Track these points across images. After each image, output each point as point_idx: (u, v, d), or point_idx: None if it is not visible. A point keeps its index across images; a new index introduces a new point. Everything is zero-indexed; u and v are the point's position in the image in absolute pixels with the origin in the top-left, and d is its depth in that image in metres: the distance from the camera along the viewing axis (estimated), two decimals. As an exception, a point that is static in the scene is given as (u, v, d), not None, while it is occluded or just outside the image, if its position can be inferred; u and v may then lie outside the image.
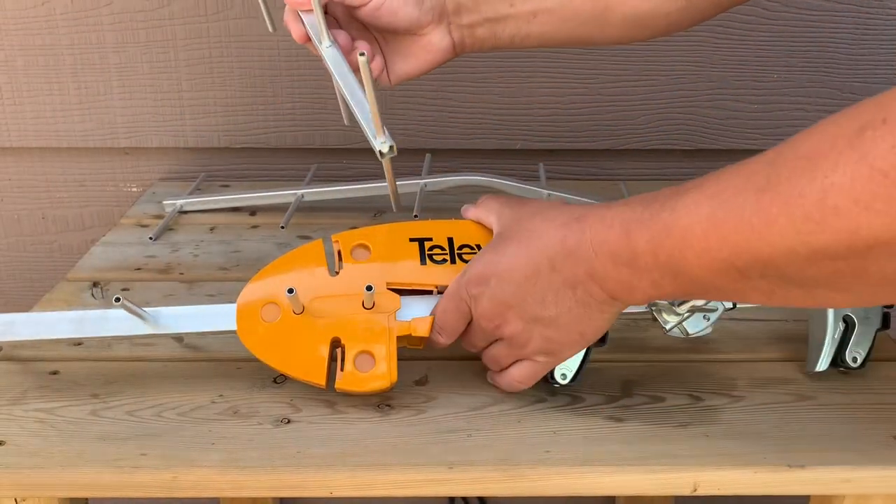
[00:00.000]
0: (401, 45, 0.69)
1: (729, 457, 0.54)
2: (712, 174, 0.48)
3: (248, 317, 0.59)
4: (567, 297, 0.54)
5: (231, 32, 1.01)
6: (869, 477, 0.53)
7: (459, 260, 0.61)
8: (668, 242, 0.48)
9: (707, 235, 0.46)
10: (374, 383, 0.58)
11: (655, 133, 1.06)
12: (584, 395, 0.61)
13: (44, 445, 0.55)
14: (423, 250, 0.62)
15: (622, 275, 0.52)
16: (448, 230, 0.63)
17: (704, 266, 0.47)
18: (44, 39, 1.01)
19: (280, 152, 1.08)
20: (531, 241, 0.56)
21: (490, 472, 0.53)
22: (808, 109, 1.05)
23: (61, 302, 0.74)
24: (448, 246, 0.62)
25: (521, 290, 0.55)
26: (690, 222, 0.47)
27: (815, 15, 1.01)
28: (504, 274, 0.56)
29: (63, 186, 1.10)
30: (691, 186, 0.48)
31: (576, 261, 0.53)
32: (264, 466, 0.53)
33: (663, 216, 0.49)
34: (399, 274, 0.61)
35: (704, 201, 0.47)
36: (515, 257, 0.56)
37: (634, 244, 0.50)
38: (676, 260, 0.48)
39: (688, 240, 0.47)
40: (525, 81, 1.04)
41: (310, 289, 0.60)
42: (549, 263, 0.54)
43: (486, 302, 0.57)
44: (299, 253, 0.62)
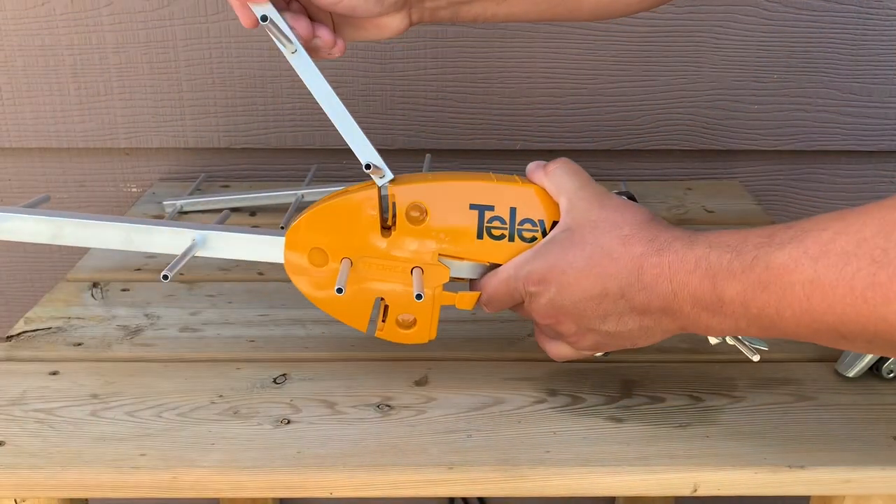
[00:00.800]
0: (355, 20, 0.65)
1: (729, 457, 0.54)
2: (808, 225, 0.47)
3: (296, 254, 0.59)
4: (632, 321, 0.54)
5: (231, 32, 1.01)
6: (869, 477, 0.53)
7: (518, 238, 0.58)
8: (762, 297, 0.47)
9: (810, 298, 0.45)
10: (414, 338, 0.59)
11: (655, 133, 1.06)
12: (584, 395, 0.61)
13: (43, 446, 0.55)
14: (483, 222, 0.58)
15: (701, 317, 0.51)
16: (512, 197, 0.58)
17: (803, 325, 0.46)
18: (43, 40, 1.01)
19: (280, 152, 1.08)
20: (602, 261, 0.53)
21: (490, 472, 0.53)
22: (808, 109, 1.05)
23: (61, 302, 0.74)
24: (509, 218, 0.58)
25: (584, 305, 0.54)
26: (791, 282, 0.46)
27: (815, 15, 1.01)
28: (567, 286, 0.54)
29: (63, 187, 1.10)
30: (786, 240, 0.47)
31: (650, 295, 0.52)
32: (264, 467, 0.53)
33: (757, 270, 0.47)
34: (453, 246, 0.58)
35: (807, 263, 0.45)
36: (583, 274, 0.54)
37: (721, 292, 0.49)
38: (770, 315, 0.47)
39: (787, 299, 0.46)
40: (525, 81, 1.04)
41: (360, 246, 0.58)
42: (619, 290, 0.53)
43: (543, 303, 0.56)
44: (354, 200, 0.58)
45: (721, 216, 0.96)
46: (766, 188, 1.11)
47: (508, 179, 0.60)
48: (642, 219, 0.54)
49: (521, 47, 1.02)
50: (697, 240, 0.51)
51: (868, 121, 1.06)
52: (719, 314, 0.50)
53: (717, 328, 0.51)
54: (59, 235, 0.61)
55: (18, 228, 0.61)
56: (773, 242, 0.47)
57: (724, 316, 0.50)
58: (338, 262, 0.58)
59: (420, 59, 1.02)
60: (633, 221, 0.54)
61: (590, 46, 1.02)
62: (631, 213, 0.55)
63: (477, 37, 1.01)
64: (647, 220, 0.54)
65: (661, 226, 0.54)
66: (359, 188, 0.59)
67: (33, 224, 0.61)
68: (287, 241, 0.59)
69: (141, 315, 0.72)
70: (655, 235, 0.52)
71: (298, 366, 0.64)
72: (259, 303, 0.74)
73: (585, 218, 0.55)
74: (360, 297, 0.59)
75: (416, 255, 0.58)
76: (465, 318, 0.71)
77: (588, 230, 0.55)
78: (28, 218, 0.61)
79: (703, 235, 0.51)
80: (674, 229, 0.53)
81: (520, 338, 0.69)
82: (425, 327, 0.59)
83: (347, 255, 0.58)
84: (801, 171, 1.10)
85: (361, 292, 0.59)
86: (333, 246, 0.58)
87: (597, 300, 0.53)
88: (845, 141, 1.07)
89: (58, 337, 0.68)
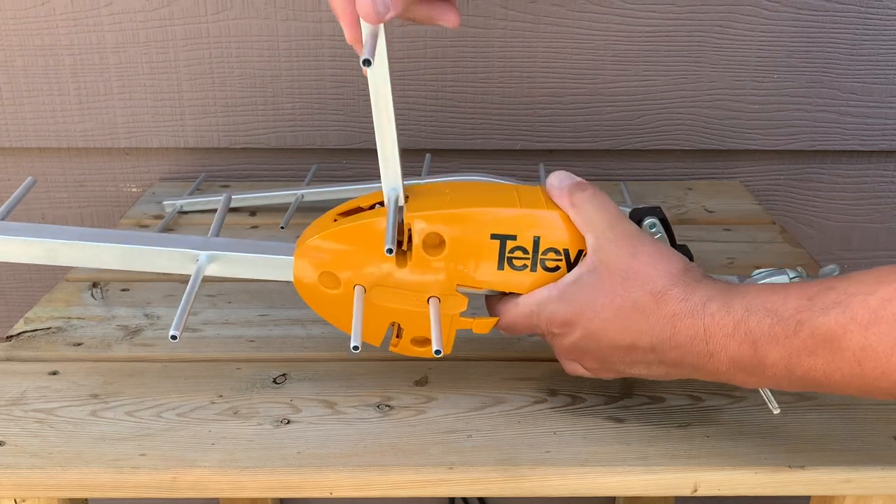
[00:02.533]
0: None
1: (729, 457, 0.54)
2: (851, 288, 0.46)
3: (306, 277, 0.57)
4: (660, 369, 0.53)
5: (231, 32, 1.01)
6: (869, 477, 0.53)
7: (541, 267, 0.55)
8: (808, 361, 0.47)
9: (862, 364, 0.45)
10: (429, 353, 0.57)
11: (655, 133, 1.06)
12: (584, 395, 0.61)
13: (43, 446, 0.55)
14: (504, 252, 0.55)
15: (738, 375, 0.50)
16: (536, 224, 0.55)
17: (853, 387, 0.46)
18: (43, 40, 1.01)
19: (280, 152, 1.08)
20: (632, 315, 0.52)
21: (490, 472, 0.53)
22: (808, 109, 1.05)
23: (61, 302, 0.74)
24: (532, 248, 0.55)
25: (610, 352, 0.53)
26: (840, 347, 0.45)
27: (815, 15, 1.01)
28: (594, 334, 0.53)
29: (63, 187, 1.10)
30: (830, 304, 0.46)
31: (684, 353, 0.51)
32: (264, 467, 0.53)
33: (801, 336, 0.46)
34: (472, 276, 0.56)
35: (857, 330, 0.45)
36: (611, 325, 0.52)
37: (763, 357, 0.48)
38: (817, 377, 0.47)
39: (835, 363, 0.46)
40: (525, 81, 1.04)
41: (374, 274, 0.55)
42: (650, 345, 0.52)
43: (567, 343, 0.55)
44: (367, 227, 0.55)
45: (721, 216, 0.96)
46: (766, 188, 1.11)
47: (532, 199, 0.56)
48: (675, 271, 0.52)
49: (521, 47, 1.02)
50: (734, 302, 0.49)
51: (868, 121, 1.06)
52: (759, 375, 0.49)
53: (754, 384, 0.51)
54: (55, 257, 0.58)
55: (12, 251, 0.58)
56: (816, 307, 0.46)
57: (764, 377, 0.49)
58: (350, 286, 0.56)
59: (420, 59, 1.02)
60: (666, 274, 0.52)
61: (590, 46, 1.02)
62: (664, 264, 0.52)
63: (477, 37, 1.01)
64: (679, 273, 0.52)
65: (694, 280, 0.51)
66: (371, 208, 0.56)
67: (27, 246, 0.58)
68: (296, 266, 0.57)
69: (141, 315, 0.72)
70: (689, 294, 0.51)
71: (298, 366, 0.64)
72: (259, 303, 0.74)
73: (615, 265, 0.53)
74: (374, 319, 0.57)
75: (433, 286, 0.56)
76: (465, 318, 0.71)
77: (618, 280, 0.52)
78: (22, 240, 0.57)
79: (740, 295, 0.49)
80: (708, 285, 0.51)
81: (520, 338, 0.69)
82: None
83: (360, 281, 0.56)
84: (801, 171, 1.10)
85: (376, 314, 0.57)
86: (345, 271, 0.56)
87: (625, 350, 0.53)
88: (845, 141, 1.07)
89: (58, 337, 0.68)
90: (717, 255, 0.85)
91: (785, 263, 0.83)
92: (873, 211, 1.13)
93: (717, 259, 0.84)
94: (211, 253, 0.58)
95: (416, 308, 0.56)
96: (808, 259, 0.84)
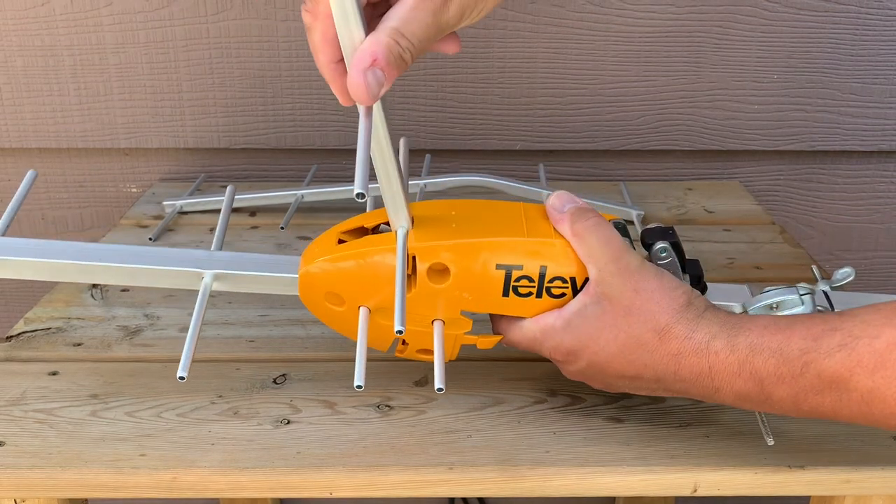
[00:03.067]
0: None
1: (729, 457, 0.54)
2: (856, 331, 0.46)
3: (311, 296, 0.56)
4: (665, 394, 0.54)
5: (231, 33, 1.01)
6: (869, 477, 0.53)
7: (546, 294, 0.55)
8: (815, 399, 0.48)
9: (870, 405, 0.46)
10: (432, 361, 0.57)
11: (655, 133, 1.06)
12: (584, 395, 0.61)
13: (43, 446, 0.55)
14: (509, 281, 0.54)
15: (743, 406, 0.51)
16: (543, 255, 0.54)
17: (860, 421, 0.48)
18: (43, 40, 1.01)
19: (280, 153, 1.08)
20: (636, 351, 0.52)
21: (490, 472, 0.53)
22: (808, 109, 1.05)
23: (61, 302, 0.74)
24: (538, 277, 0.54)
25: (615, 380, 0.54)
26: (847, 388, 0.46)
27: (815, 15, 1.01)
28: (598, 365, 0.54)
29: (63, 187, 1.10)
30: (835, 347, 0.46)
31: (689, 386, 0.51)
32: (264, 467, 0.53)
33: (808, 377, 0.47)
34: (476, 303, 0.55)
35: (863, 374, 0.45)
36: (615, 358, 0.53)
37: (769, 393, 0.49)
38: (824, 412, 0.48)
39: (843, 402, 0.47)
40: (525, 81, 1.04)
41: (378, 298, 0.55)
42: (654, 377, 0.52)
43: (572, 370, 0.56)
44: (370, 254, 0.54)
45: (721, 216, 0.96)
46: (766, 188, 1.11)
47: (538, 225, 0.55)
48: (677, 307, 0.52)
49: (521, 47, 1.02)
50: (738, 341, 0.49)
51: (868, 121, 1.06)
52: (766, 407, 0.50)
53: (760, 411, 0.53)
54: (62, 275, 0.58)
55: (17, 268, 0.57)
56: (821, 349, 0.47)
57: (771, 408, 0.50)
58: (355, 307, 0.56)
59: (420, 59, 1.02)
60: (669, 310, 0.51)
61: (590, 46, 1.02)
62: (666, 300, 0.52)
63: (477, 37, 1.01)
64: (682, 308, 0.52)
65: (697, 316, 0.51)
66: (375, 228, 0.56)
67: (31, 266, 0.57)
68: (301, 284, 0.56)
69: (140, 315, 0.72)
70: (691, 331, 0.51)
71: (298, 366, 0.64)
72: (259, 303, 0.74)
73: (618, 299, 0.52)
74: (380, 333, 0.57)
75: (438, 311, 0.56)
76: (465, 319, 0.71)
77: (621, 315, 0.52)
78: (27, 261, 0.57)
79: (744, 333, 0.49)
80: (710, 320, 0.51)
81: (520, 338, 0.69)
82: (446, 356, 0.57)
83: (365, 304, 0.55)
84: (801, 171, 1.10)
85: (381, 330, 0.56)
86: (349, 294, 0.55)
87: (629, 379, 0.54)
88: (845, 141, 1.07)
89: (57, 337, 0.68)
90: (717, 256, 0.85)
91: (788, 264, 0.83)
92: (873, 211, 1.13)
93: (717, 259, 0.84)
94: (215, 272, 0.58)
95: (420, 328, 0.56)
96: (808, 259, 0.84)
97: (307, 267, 0.56)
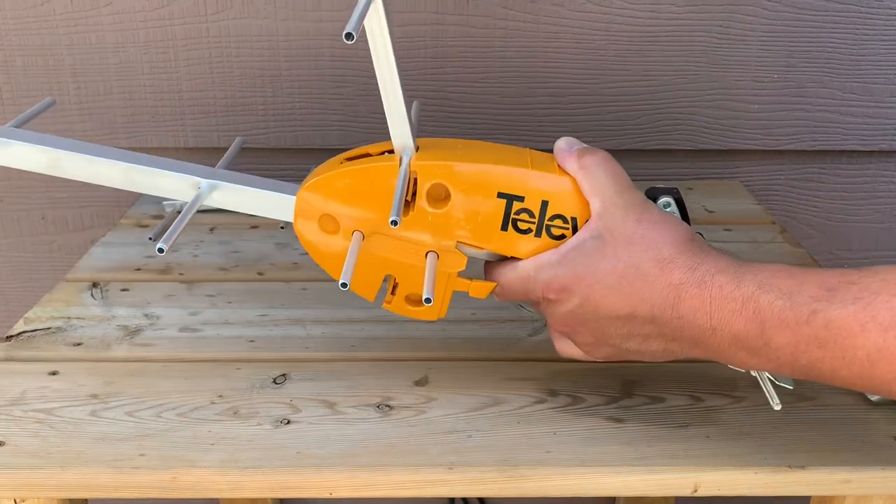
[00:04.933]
0: None
1: (729, 457, 0.54)
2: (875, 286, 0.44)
3: (306, 218, 0.56)
4: (657, 344, 0.51)
5: (231, 32, 1.01)
6: (869, 477, 0.53)
7: (546, 233, 0.53)
8: (816, 353, 0.45)
9: (875, 366, 0.44)
10: (422, 315, 0.56)
11: (655, 133, 1.06)
12: (584, 395, 0.61)
13: (43, 446, 0.55)
14: (509, 213, 0.53)
15: (738, 354, 0.48)
16: (546, 188, 0.53)
17: (858, 385, 0.45)
18: (43, 39, 1.01)
19: (280, 152, 1.08)
20: (635, 282, 0.50)
21: (490, 472, 0.53)
22: (808, 109, 1.05)
23: (61, 302, 0.74)
24: (539, 212, 0.53)
25: (607, 323, 0.51)
26: (853, 345, 0.44)
27: (815, 15, 1.01)
28: (592, 300, 0.51)
29: (63, 187, 1.09)
30: (850, 299, 0.44)
31: (684, 325, 0.49)
32: (264, 467, 0.53)
33: (814, 326, 0.45)
34: (473, 235, 0.54)
35: (876, 331, 0.43)
36: (611, 291, 0.50)
37: (769, 339, 0.46)
38: (822, 370, 0.46)
39: (846, 360, 0.44)
40: (525, 81, 1.04)
41: (373, 220, 0.54)
42: (649, 315, 0.50)
43: (562, 311, 0.53)
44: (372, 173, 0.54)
45: (721, 216, 0.96)
46: (767, 188, 1.11)
47: (544, 163, 0.54)
48: (682, 239, 0.50)
49: (521, 47, 1.02)
50: (744, 277, 0.47)
51: (868, 121, 1.06)
52: (761, 357, 0.47)
53: (753, 366, 0.49)
54: (57, 167, 0.58)
55: (16, 155, 0.58)
56: (835, 299, 0.44)
57: (766, 359, 0.47)
58: (349, 232, 0.55)
59: (420, 59, 1.02)
60: (673, 242, 0.50)
61: (590, 46, 1.02)
62: (670, 231, 0.51)
63: (477, 37, 1.01)
64: (686, 241, 0.50)
65: (702, 250, 0.50)
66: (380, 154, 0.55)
67: (32, 153, 0.58)
68: (297, 205, 0.56)
69: (140, 315, 0.72)
70: (697, 263, 0.49)
71: (298, 366, 0.64)
72: (259, 303, 0.74)
73: (620, 230, 0.51)
74: (369, 269, 0.55)
75: (433, 240, 0.54)
76: (465, 319, 0.71)
77: (622, 245, 0.51)
78: (28, 146, 0.57)
79: (751, 271, 0.48)
80: (717, 257, 0.50)
81: (520, 338, 0.69)
82: (435, 307, 0.56)
83: (360, 227, 0.55)
84: (801, 171, 1.10)
85: (372, 264, 0.55)
86: (346, 215, 0.54)
87: (623, 320, 0.51)
88: (845, 141, 1.07)
89: (57, 337, 0.68)
90: (718, 255, 0.85)
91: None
92: (873, 211, 1.13)
93: (717, 259, 0.84)
94: (213, 182, 0.58)
95: (413, 262, 0.54)
96: (808, 259, 0.84)
97: (307, 184, 0.55)
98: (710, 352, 0.50)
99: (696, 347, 0.50)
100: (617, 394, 0.61)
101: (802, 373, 0.47)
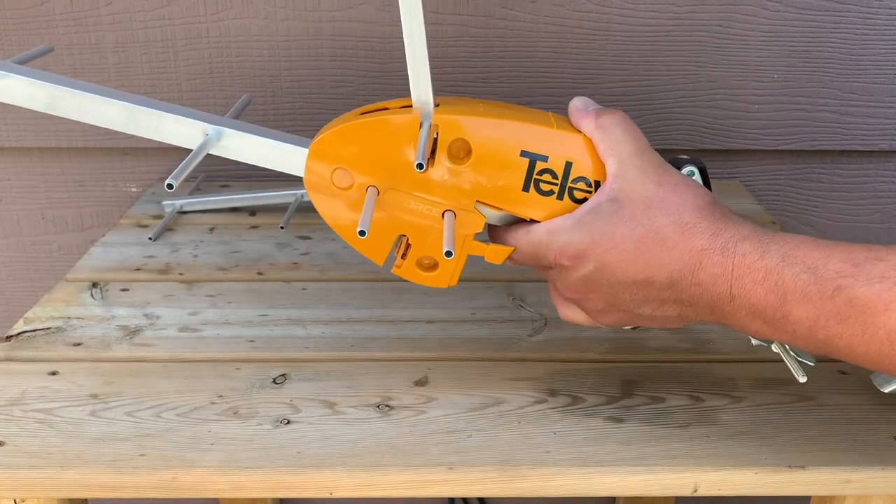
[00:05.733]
0: None
1: (729, 457, 0.54)
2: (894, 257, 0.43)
3: (318, 170, 0.53)
4: (672, 310, 0.50)
5: (231, 32, 1.01)
6: (869, 477, 0.53)
7: (568, 197, 0.51)
8: (836, 328, 0.44)
9: (894, 344, 0.43)
10: (433, 282, 0.54)
11: (655, 133, 1.06)
12: (584, 395, 0.61)
13: (43, 446, 0.55)
14: (532, 173, 0.51)
15: (754, 324, 0.47)
16: (571, 148, 0.51)
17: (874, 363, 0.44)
18: (43, 39, 1.01)
19: (280, 152, 1.08)
20: (654, 248, 0.48)
21: (490, 472, 0.53)
22: (809, 109, 1.05)
23: (61, 302, 0.74)
24: (563, 173, 0.51)
25: (622, 288, 0.50)
26: (875, 323, 0.43)
27: (815, 14, 1.01)
28: (608, 266, 0.49)
29: (62, 186, 1.09)
30: (876, 276, 0.43)
31: (702, 291, 0.47)
32: (264, 467, 0.53)
33: (837, 302, 0.44)
34: (493, 195, 0.51)
35: None
36: (629, 257, 0.48)
37: (788, 312, 0.45)
38: (839, 346, 0.45)
39: (865, 338, 0.44)
40: (525, 81, 1.04)
41: (390, 175, 0.51)
42: (668, 281, 0.48)
43: (575, 277, 0.51)
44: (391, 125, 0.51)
45: (721, 216, 0.96)
46: (767, 188, 1.11)
47: (568, 126, 0.52)
48: (703, 203, 0.49)
49: (521, 47, 1.02)
50: (769, 246, 0.46)
51: (868, 121, 1.06)
52: (777, 328, 0.46)
53: (766, 335, 0.48)
54: (56, 105, 0.55)
55: (13, 89, 0.55)
56: (860, 276, 0.43)
57: (781, 330, 0.46)
58: (363, 188, 0.52)
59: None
60: (694, 206, 0.48)
61: (590, 46, 1.02)
62: (691, 194, 0.49)
63: (477, 37, 1.01)
64: (708, 206, 0.49)
65: (724, 216, 0.48)
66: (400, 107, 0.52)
67: (30, 87, 0.54)
68: (310, 154, 0.53)
69: (140, 315, 0.72)
70: (720, 229, 0.47)
71: (298, 366, 0.64)
72: (259, 303, 0.74)
73: (638, 192, 0.49)
74: (381, 228, 0.53)
75: (451, 198, 0.52)
76: (464, 319, 0.71)
77: (641, 208, 0.49)
78: (26, 80, 0.54)
79: (776, 241, 0.47)
80: (740, 223, 0.48)
81: (520, 338, 0.69)
82: (447, 273, 0.54)
83: (375, 182, 0.52)
84: (801, 171, 1.10)
85: (384, 223, 0.53)
86: (361, 169, 0.51)
87: (639, 286, 0.49)
88: (845, 141, 1.07)
89: (57, 337, 0.68)
90: (718, 255, 0.85)
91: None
92: (873, 211, 1.13)
93: (717, 259, 0.84)
94: (222, 129, 0.55)
95: (428, 222, 0.52)
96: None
97: (321, 135, 0.52)
98: (725, 318, 0.48)
99: (711, 314, 0.49)
100: (617, 394, 0.61)
101: (818, 347, 0.46)
